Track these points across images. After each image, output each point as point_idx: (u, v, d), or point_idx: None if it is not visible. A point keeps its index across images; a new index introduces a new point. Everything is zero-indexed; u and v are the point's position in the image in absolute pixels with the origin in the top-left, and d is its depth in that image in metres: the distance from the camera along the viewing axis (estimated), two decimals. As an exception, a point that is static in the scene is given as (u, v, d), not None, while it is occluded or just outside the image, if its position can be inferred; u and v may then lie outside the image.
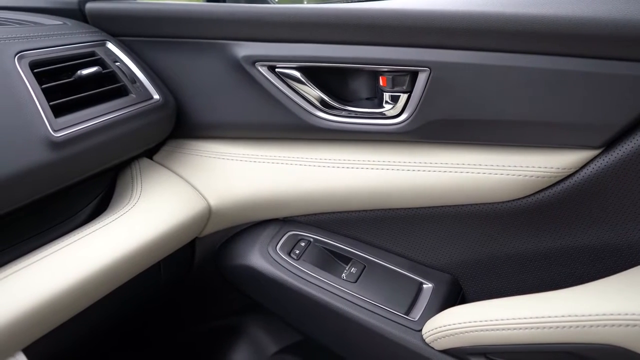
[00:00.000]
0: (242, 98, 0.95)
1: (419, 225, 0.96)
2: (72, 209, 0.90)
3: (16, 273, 0.68)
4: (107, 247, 0.77)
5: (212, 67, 0.95)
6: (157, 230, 0.84)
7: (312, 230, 1.03)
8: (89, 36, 0.93)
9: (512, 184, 0.85)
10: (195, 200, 0.94)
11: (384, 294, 0.93)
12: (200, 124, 1.01)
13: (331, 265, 0.98)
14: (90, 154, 0.80)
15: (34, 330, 0.67)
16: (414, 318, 0.90)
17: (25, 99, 0.74)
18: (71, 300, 0.70)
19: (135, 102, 0.89)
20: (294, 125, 0.94)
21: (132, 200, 0.87)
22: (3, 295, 0.64)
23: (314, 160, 0.96)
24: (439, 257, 0.98)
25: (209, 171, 0.99)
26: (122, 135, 0.85)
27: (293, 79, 0.91)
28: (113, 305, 0.85)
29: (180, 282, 1.10)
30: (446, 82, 0.83)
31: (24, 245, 0.80)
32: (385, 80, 0.88)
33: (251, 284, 1.02)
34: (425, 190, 0.91)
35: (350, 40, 0.87)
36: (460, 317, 0.81)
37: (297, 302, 0.96)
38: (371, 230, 1.00)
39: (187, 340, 1.33)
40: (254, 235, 1.02)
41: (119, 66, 0.92)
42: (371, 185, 0.93)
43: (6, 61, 0.76)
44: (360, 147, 0.95)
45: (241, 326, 1.27)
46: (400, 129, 0.89)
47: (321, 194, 0.96)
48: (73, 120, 0.78)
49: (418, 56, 0.83)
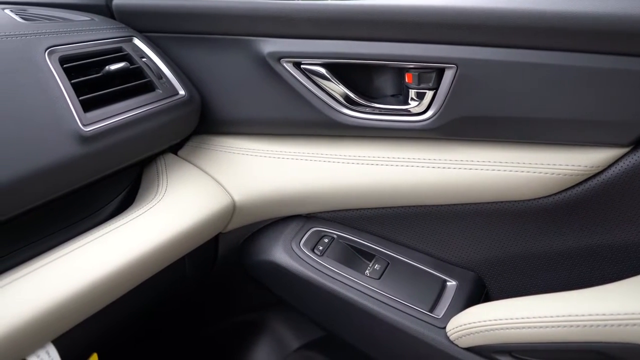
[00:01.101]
0: (266, 94, 0.95)
1: (443, 223, 0.96)
2: (99, 203, 0.91)
3: (46, 266, 0.69)
4: (135, 240, 0.77)
5: (237, 63, 0.95)
6: (183, 225, 0.84)
7: (336, 227, 1.03)
8: (116, 32, 0.94)
9: (539, 181, 0.85)
10: (219, 195, 0.94)
11: (407, 291, 0.93)
12: (224, 120, 1.01)
13: (355, 262, 0.98)
14: (118, 148, 0.80)
15: (63, 322, 0.68)
16: (437, 315, 0.90)
17: (56, 94, 0.75)
18: (99, 293, 0.71)
19: (161, 97, 0.90)
20: (318, 122, 0.95)
21: (158, 195, 0.88)
22: (34, 288, 0.65)
23: (339, 157, 0.96)
24: (463, 255, 0.97)
25: (233, 167, 1.00)
26: (149, 131, 0.86)
27: (318, 75, 0.91)
28: (139, 298, 0.86)
29: (204, 277, 1.10)
30: (473, 79, 0.82)
31: (53, 238, 0.81)
32: (411, 77, 0.87)
33: (274, 280, 1.02)
34: (450, 188, 0.90)
35: (376, 37, 0.87)
36: (485, 314, 0.81)
37: (320, 298, 0.96)
38: (395, 227, 1.00)
39: (209, 335, 1.34)
40: (278, 231, 1.03)
41: (146, 62, 0.93)
42: (395, 182, 0.93)
43: (37, 56, 0.77)
44: (384, 144, 0.95)
45: (263, 322, 1.27)
46: (426, 126, 0.89)
47: (345, 190, 0.96)
48: (102, 115, 0.79)
49: (445, 53, 0.83)
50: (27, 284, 0.65)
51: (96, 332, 0.81)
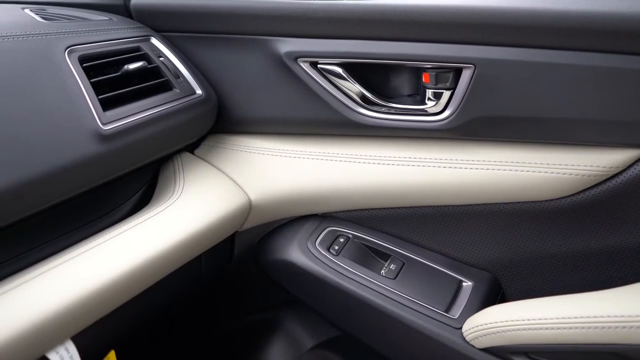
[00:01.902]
0: (283, 94, 0.96)
1: (459, 223, 0.96)
2: (116, 201, 0.91)
3: (65, 263, 0.69)
4: (153, 239, 0.78)
5: (254, 63, 0.96)
6: (200, 224, 0.85)
7: (351, 227, 1.03)
8: (134, 31, 0.94)
9: (557, 182, 0.84)
10: (236, 194, 0.95)
11: (423, 291, 0.93)
12: (241, 120, 1.01)
13: (370, 262, 0.98)
14: (136, 147, 0.81)
15: (81, 319, 0.68)
16: (453, 316, 0.89)
17: (76, 93, 0.75)
18: (117, 291, 0.71)
19: (178, 97, 0.90)
20: (335, 121, 0.95)
21: (175, 194, 0.88)
22: (53, 286, 0.66)
23: (354, 157, 0.96)
24: (479, 255, 0.97)
25: (250, 166, 1.00)
26: (167, 129, 0.87)
27: (335, 75, 0.91)
28: (156, 296, 0.86)
29: (220, 275, 1.11)
30: (491, 79, 0.82)
31: (71, 235, 0.81)
32: (428, 77, 0.87)
33: (290, 279, 1.03)
34: (467, 188, 0.90)
35: (393, 37, 0.87)
36: (502, 315, 0.81)
37: (335, 297, 0.96)
38: (410, 227, 1.00)
39: (223, 333, 1.34)
40: (293, 231, 1.03)
41: (163, 61, 0.93)
42: (411, 182, 0.93)
43: (57, 55, 0.77)
44: (400, 144, 0.95)
45: (278, 321, 1.27)
46: (443, 126, 0.88)
47: (361, 190, 0.96)
48: (120, 113, 0.79)
49: (463, 53, 0.83)
50: (47, 281, 0.66)
51: (114, 330, 0.81)
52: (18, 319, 0.60)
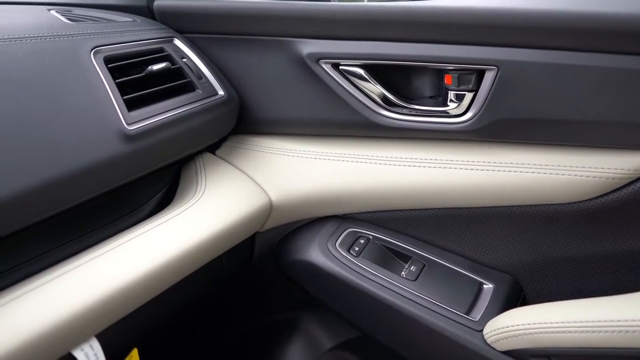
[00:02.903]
0: (305, 95, 0.96)
1: (480, 225, 0.95)
2: (139, 201, 0.92)
3: (90, 262, 0.70)
4: (176, 238, 0.78)
5: (276, 64, 0.96)
6: (222, 223, 0.85)
7: (371, 228, 1.03)
8: (158, 33, 0.95)
9: (580, 185, 0.84)
10: (257, 195, 0.95)
11: (444, 293, 0.92)
12: (262, 120, 1.02)
13: (390, 263, 0.98)
14: (160, 147, 0.82)
15: (106, 317, 0.69)
16: (474, 318, 0.89)
17: (102, 93, 0.76)
18: (140, 289, 0.72)
19: (201, 97, 0.91)
20: (356, 123, 0.95)
21: (197, 194, 0.89)
22: (78, 284, 0.66)
23: (375, 158, 0.96)
24: (500, 258, 0.97)
25: (270, 167, 1.00)
26: (189, 130, 0.87)
27: (357, 76, 0.92)
28: (178, 296, 0.87)
29: (240, 275, 1.11)
30: (514, 81, 0.82)
31: (94, 235, 0.82)
32: (450, 78, 0.87)
33: (310, 279, 1.03)
34: (488, 190, 0.90)
35: (416, 38, 0.87)
36: (523, 318, 0.80)
37: (356, 299, 0.96)
38: (431, 229, 0.99)
39: (242, 333, 1.35)
40: (313, 231, 1.03)
41: (186, 62, 0.94)
42: (432, 184, 0.93)
43: (83, 56, 0.78)
44: (421, 146, 0.95)
45: (297, 321, 1.28)
46: (465, 127, 0.88)
47: (381, 191, 0.96)
48: (145, 114, 0.80)
49: (486, 55, 0.83)
50: (73, 280, 0.67)
51: (136, 328, 0.82)
52: (45, 316, 0.61)
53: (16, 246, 0.71)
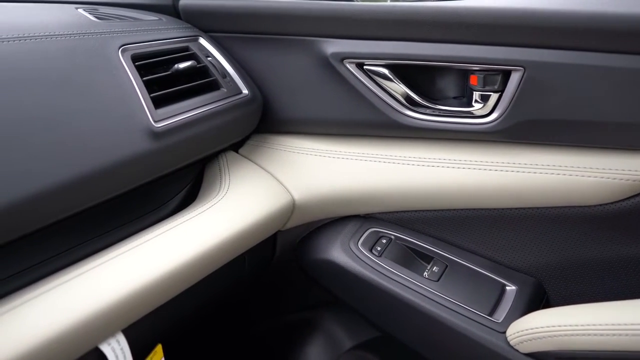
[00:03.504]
0: (328, 95, 0.96)
1: (503, 227, 0.95)
2: (163, 198, 0.93)
3: (116, 258, 0.71)
4: (201, 235, 0.79)
5: (300, 64, 0.96)
6: (246, 222, 0.86)
7: (394, 228, 1.02)
8: (183, 32, 0.96)
9: (604, 187, 0.83)
10: (280, 193, 0.95)
11: (466, 294, 0.92)
12: (285, 120, 1.02)
13: (413, 264, 0.97)
14: (186, 144, 0.82)
15: (131, 313, 0.69)
16: (497, 320, 0.88)
17: (129, 90, 0.77)
18: (165, 286, 0.73)
19: (225, 96, 0.91)
20: (380, 123, 0.95)
21: (221, 192, 0.89)
22: (105, 280, 0.67)
23: (398, 158, 0.96)
24: (523, 260, 0.96)
25: (293, 166, 1.01)
26: (214, 128, 0.88)
27: (381, 76, 0.92)
28: (201, 293, 0.87)
29: (262, 274, 1.12)
30: (541, 82, 0.81)
31: (120, 231, 0.83)
32: (475, 79, 0.87)
33: (331, 279, 1.03)
34: (512, 191, 0.89)
35: (441, 39, 0.87)
36: (548, 320, 0.80)
37: (377, 298, 0.96)
38: (454, 230, 0.99)
39: (262, 331, 1.35)
40: (335, 231, 1.03)
41: (211, 61, 0.95)
42: (455, 185, 0.92)
43: (112, 54, 0.79)
44: (445, 146, 0.95)
45: (317, 320, 1.28)
46: (490, 128, 0.88)
47: (404, 191, 0.96)
48: (171, 111, 0.81)
49: (512, 55, 0.82)
50: (100, 275, 0.67)
51: (161, 325, 0.82)
52: (74, 310, 0.62)
53: (44, 241, 0.72)
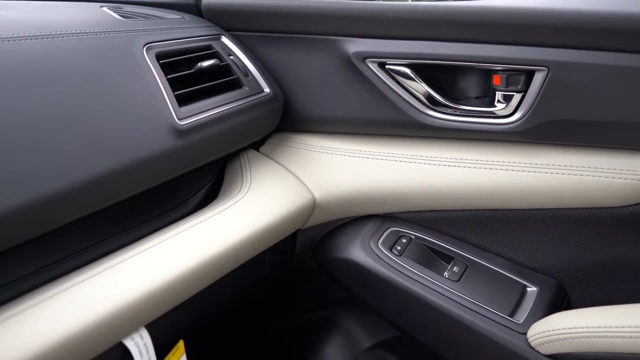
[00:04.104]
0: (350, 94, 0.96)
1: (525, 227, 0.94)
2: (184, 196, 0.93)
3: (140, 255, 0.71)
4: (223, 233, 0.79)
5: (321, 63, 0.97)
6: (267, 220, 0.86)
7: (414, 228, 1.02)
8: (206, 30, 0.97)
9: (627, 188, 0.83)
10: (301, 192, 0.96)
11: (487, 295, 0.92)
12: (306, 118, 1.02)
13: (433, 263, 0.97)
14: (208, 142, 0.83)
15: (154, 309, 0.70)
16: (518, 320, 0.88)
17: (154, 88, 0.78)
18: (188, 282, 0.73)
19: (247, 94, 0.92)
20: (402, 122, 0.95)
21: (242, 190, 0.90)
22: (129, 276, 0.67)
23: (419, 157, 0.96)
24: (544, 261, 0.95)
25: (314, 164, 1.01)
26: (236, 126, 0.89)
27: (403, 75, 0.92)
28: (223, 290, 0.88)
29: (281, 272, 1.12)
30: (565, 83, 0.81)
31: (143, 227, 0.84)
32: (498, 79, 0.87)
33: (351, 277, 1.03)
34: (534, 192, 0.89)
35: (464, 38, 0.87)
36: (570, 321, 0.79)
37: (397, 298, 0.96)
38: (474, 230, 0.99)
39: (281, 330, 1.36)
40: (355, 230, 1.03)
41: (233, 59, 0.95)
42: (476, 185, 0.92)
43: (137, 51, 0.80)
44: (466, 146, 0.95)
45: (335, 319, 1.28)
46: (512, 128, 0.88)
47: (425, 191, 0.96)
48: (195, 109, 0.81)
49: (536, 55, 0.82)
50: (124, 271, 0.68)
51: (182, 321, 0.83)
52: (99, 305, 0.62)
53: (69, 237, 0.73)
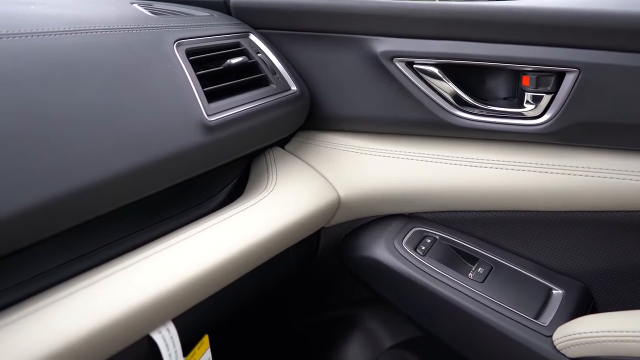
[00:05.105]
0: (376, 93, 0.96)
1: (550, 229, 0.94)
2: (210, 192, 0.94)
3: (168, 249, 0.72)
4: (249, 229, 0.80)
5: (348, 61, 0.97)
6: (292, 217, 0.86)
7: (438, 228, 1.02)
8: (234, 28, 0.97)
9: None
10: (326, 190, 0.96)
11: (512, 297, 0.91)
12: (332, 117, 1.03)
13: (457, 264, 0.97)
14: (236, 139, 0.84)
15: (180, 303, 0.70)
16: (544, 323, 0.87)
17: (184, 84, 0.78)
18: (214, 278, 0.73)
19: (275, 92, 0.92)
20: (429, 122, 0.94)
21: (268, 187, 0.90)
22: (157, 270, 0.68)
23: (445, 158, 0.96)
24: (570, 264, 0.95)
25: (339, 163, 1.01)
26: (264, 123, 0.89)
27: (431, 75, 0.91)
28: (247, 287, 0.88)
29: (305, 269, 1.12)
30: (597, 84, 0.80)
31: (169, 222, 0.85)
32: (528, 79, 0.86)
33: (375, 276, 1.03)
34: (562, 194, 0.88)
35: (494, 39, 0.86)
36: (596, 325, 0.79)
37: (421, 297, 0.96)
38: (499, 232, 0.98)
39: (302, 327, 1.36)
40: (380, 229, 1.03)
41: (261, 57, 0.95)
42: (502, 186, 0.92)
43: (167, 48, 0.80)
44: (492, 147, 0.94)
45: (357, 318, 1.28)
46: (541, 130, 0.87)
47: (450, 191, 0.96)
48: (224, 106, 0.82)
49: (566, 56, 0.81)
50: (152, 265, 0.69)
51: (207, 316, 0.83)
52: (128, 298, 0.63)
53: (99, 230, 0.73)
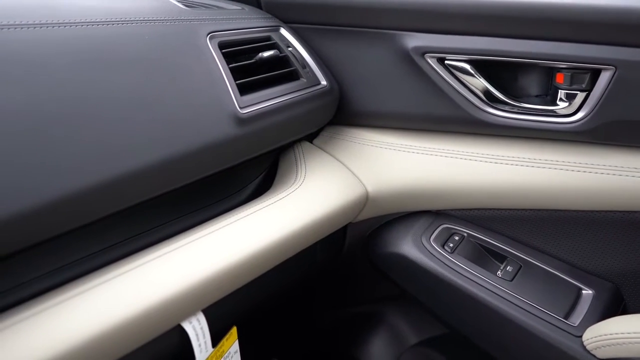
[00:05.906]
0: (407, 89, 0.96)
1: (582, 229, 0.92)
2: (239, 184, 0.95)
3: (199, 240, 0.72)
4: (278, 222, 0.80)
5: (379, 57, 0.96)
6: (321, 211, 0.86)
7: (466, 225, 1.01)
8: (265, 21, 0.97)
9: None
10: (354, 185, 0.96)
11: (541, 296, 0.90)
12: (361, 112, 1.02)
13: (486, 262, 0.96)
14: (267, 132, 0.84)
15: (210, 294, 0.71)
16: (573, 323, 0.86)
17: (217, 76, 0.79)
18: (243, 270, 0.74)
19: (305, 86, 0.92)
20: (460, 119, 0.94)
21: (297, 181, 0.90)
22: (188, 261, 0.69)
23: (474, 155, 0.95)
24: (600, 264, 0.93)
25: (367, 158, 1.01)
26: (294, 117, 0.89)
27: (462, 71, 0.91)
28: (274, 280, 0.88)
29: (331, 264, 1.12)
30: (633, 83, 0.79)
31: (198, 214, 0.85)
32: (562, 77, 0.85)
33: (402, 273, 1.02)
34: (594, 193, 0.87)
35: (527, 35, 0.85)
36: (628, 326, 0.77)
37: (449, 295, 0.95)
38: (529, 230, 0.97)
39: (327, 323, 1.36)
40: (407, 225, 1.02)
41: (291, 51, 0.96)
42: (534, 184, 0.91)
43: (200, 40, 0.81)
44: (525, 144, 0.93)
45: (382, 314, 1.28)
46: (575, 128, 0.86)
47: (479, 189, 0.95)
48: (256, 99, 0.82)
49: (602, 54, 0.80)
50: (183, 256, 0.69)
51: (235, 308, 0.84)
52: (161, 287, 0.64)
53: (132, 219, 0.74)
